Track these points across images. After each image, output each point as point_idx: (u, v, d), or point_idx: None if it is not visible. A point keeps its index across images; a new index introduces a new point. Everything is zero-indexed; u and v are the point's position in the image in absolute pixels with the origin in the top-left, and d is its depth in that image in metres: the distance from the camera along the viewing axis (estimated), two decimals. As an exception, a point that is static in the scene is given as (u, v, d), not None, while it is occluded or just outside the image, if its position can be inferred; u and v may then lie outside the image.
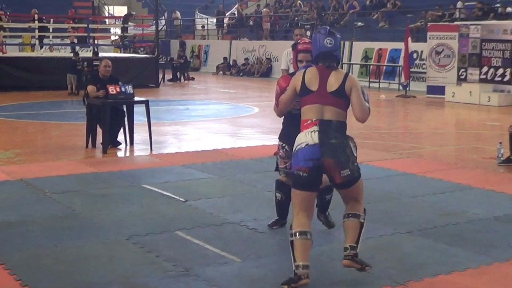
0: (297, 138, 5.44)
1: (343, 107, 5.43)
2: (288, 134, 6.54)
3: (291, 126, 6.42)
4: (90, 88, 11.70)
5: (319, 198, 6.64)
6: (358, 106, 5.45)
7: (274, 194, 6.94)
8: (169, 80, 28.69)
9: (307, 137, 5.35)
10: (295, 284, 5.24)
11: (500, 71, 20.30)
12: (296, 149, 5.38)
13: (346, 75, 5.48)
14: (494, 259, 6.06)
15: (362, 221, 5.53)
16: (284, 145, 6.70)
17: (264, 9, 36.68)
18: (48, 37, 29.06)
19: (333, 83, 5.41)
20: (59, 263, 5.92)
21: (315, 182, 5.39)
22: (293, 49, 6.62)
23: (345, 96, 5.40)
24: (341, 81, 5.41)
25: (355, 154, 5.39)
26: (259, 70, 32.15)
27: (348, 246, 5.46)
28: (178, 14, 39.73)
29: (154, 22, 28.69)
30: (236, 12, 38.81)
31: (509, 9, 24.24)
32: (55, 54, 28.03)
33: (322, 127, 5.34)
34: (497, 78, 20.39)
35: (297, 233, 5.33)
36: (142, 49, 34.51)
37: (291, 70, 9.76)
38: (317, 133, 5.32)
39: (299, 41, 6.86)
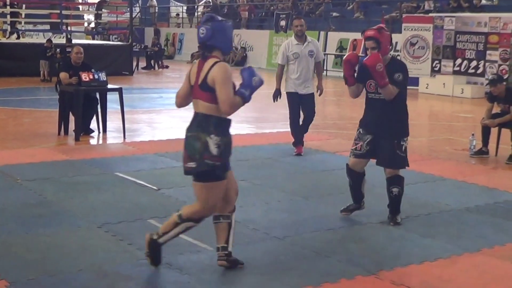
0: None
1: (212, 100, 5.18)
2: (363, 118, 6.86)
3: (367, 110, 6.83)
4: (63, 75, 11.60)
5: (387, 190, 6.91)
6: (220, 98, 5.14)
7: None
8: (143, 68, 28.54)
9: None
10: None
11: (474, 63, 20.43)
12: None
13: (213, 65, 5.19)
14: (465, 249, 6.11)
15: (178, 221, 5.44)
16: (359, 128, 6.89)
17: (241, -2, 36.63)
18: (20, 22, 28.76)
19: (202, 75, 5.24)
20: (30, 251, 5.87)
21: None
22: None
23: (210, 88, 5.17)
24: (206, 72, 5.20)
25: (211, 151, 5.14)
26: (234, 59, 32.08)
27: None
28: (154, 1, 39.52)
29: (128, 9, 28.51)
30: (210, 0, 38.67)
31: (483, 2, 24.37)
32: (27, 40, 27.75)
33: (192, 118, 5.31)
34: (470, 70, 20.54)
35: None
36: (116, 36, 34.26)
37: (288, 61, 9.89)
38: (189, 124, 5.32)
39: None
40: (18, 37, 27.83)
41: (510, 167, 9.91)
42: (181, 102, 5.64)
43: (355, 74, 6.74)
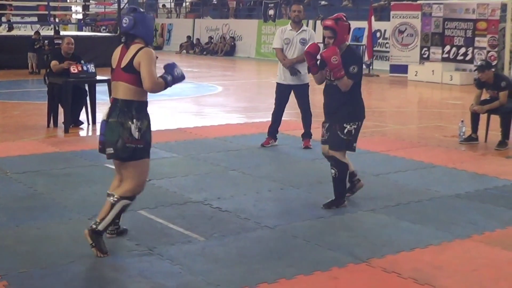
0: None
1: (134, 82, 5.49)
2: (323, 105, 7.17)
3: (324, 95, 7.16)
4: (54, 63, 11.53)
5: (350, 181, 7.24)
6: (144, 77, 5.44)
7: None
8: (132, 59, 28.40)
9: (104, 111, 5.67)
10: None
11: (462, 50, 20.47)
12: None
13: (139, 50, 5.50)
14: (456, 236, 6.13)
15: (112, 202, 5.64)
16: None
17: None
18: (9, 15, 28.63)
19: (126, 58, 5.53)
20: (21, 243, 5.85)
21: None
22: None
23: (134, 71, 5.47)
24: (131, 56, 5.50)
25: (133, 135, 5.47)
26: (223, 49, 32.05)
27: (96, 220, 5.65)
28: None
29: (116, 0, 28.39)
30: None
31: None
32: (15, 32, 27.62)
33: (111, 105, 5.59)
34: (459, 57, 20.57)
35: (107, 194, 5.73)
36: (104, 27, 34.13)
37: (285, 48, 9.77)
38: (107, 109, 5.61)
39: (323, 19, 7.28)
40: (9, 30, 27.70)
41: (499, 153, 9.94)
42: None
43: (318, 62, 7.04)
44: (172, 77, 5.64)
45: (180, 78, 5.72)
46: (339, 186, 7.02)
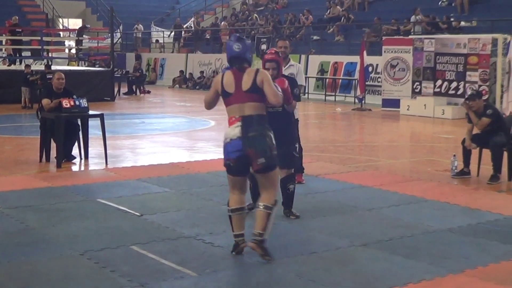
0: (224, 133, 6.38)
1: (259, 100, 6.25)
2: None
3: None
4: (45, 101, 11.56)
5: (282, 188, 7.61)
6: (269, 93, 6.22)
7: None
8: (124, 94, 28.51)
9: (232, 132, 6.27)
10: (237, 248, 6.38)
11: (454, 84, 20.58)
12: (225, 143, 6.32)
13: (257, 71, 6.28)
14: (449, 271, 6.11)
15: (269, 211, 6.25)
16: None
17: (223, 23, 36.73)
18: (1, 49, 28.75)
19: (247, 81, 6.24)
20: (12, 280, 5.81)
21: (243, 169, 6.35)
22: (261, 58, 7.22)
23: (258, 90, 6.21)
24: (252, 78, 6.22)
25: (274, 145, 6.26)
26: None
27: (256, 232, 6.21)
28: (141, 26, 39.58)
29: (109, 35, 28.52)
30: (192, 25, 38.80)
31: (462, 23, 24.62)
32: (13, 67, 27.67)
33: (244, 122, 6.21)
34: (451, 91, 20.67)
35: (234, 210, 6.42)
36: (97, 62, 34.23)
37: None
38: (239, 128, 6.21)
39: (266, 51, 7.93)
40: (9, 64, 27.80)
41: (491, 188, 9.96)
42: (210, 106, 6.78)
43: None
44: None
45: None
46: (293, 197, 7.86)
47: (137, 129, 17.32)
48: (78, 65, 31.26)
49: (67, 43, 37.01)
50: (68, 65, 32.40)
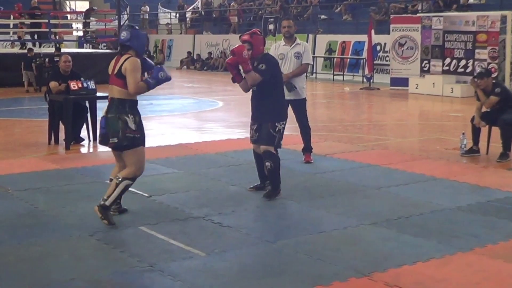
0: None
1: (123, 86, 6.73)
2: (251, 109, 8.13)
3: (251, 100, 8.13)
4: (53, 84, 11.58)
5: (259, 166, 8.13)
6: (129, 81, 6.67)
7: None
8: (132, 75, 28.41)
9: (104, 109, 6.89)
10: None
11: (463, 62, 20.47)
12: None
13: (126, 59, 6.74)
14: (458, 249, 6.11)
15: (117, 182, 6.79)
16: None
17: (232, 3, 36.55)
18: (9, 33, 28.70)
19: (117, 67, 6.77)
20: (21, 261, 5.84)
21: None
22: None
23: (122, 76, 6.71)
24: (120, 64, 6.74)
25: (131, 127, 6.74)
26: (223, 64, 32.06)
27: (103, 197, 6.79)
28: (147, 8, 39.48)
29: (116, 17, 28.45)
30: (199, 6, 38.65)
31: (471, 1, 24.46)
32: (15, 50, 27.63)
33: (109, 103, 6.85)
34: (459, 70, 20.56)
35: (111, 179, 7.03)
36: (104, 44, 34.17)
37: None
38: (106, 107, 6.86)
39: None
40: (21, 47, 27.75)
41: (501, 165, 9.93)
42: None
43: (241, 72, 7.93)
44: (155, 80, 6.80)
45: (165, 80, 6.87)
46: (275, 177, 7.93)
47: (145, 111, 17.20)
48: (82, 48, 31.13)
49: (74, 25, 36.92)
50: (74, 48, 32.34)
